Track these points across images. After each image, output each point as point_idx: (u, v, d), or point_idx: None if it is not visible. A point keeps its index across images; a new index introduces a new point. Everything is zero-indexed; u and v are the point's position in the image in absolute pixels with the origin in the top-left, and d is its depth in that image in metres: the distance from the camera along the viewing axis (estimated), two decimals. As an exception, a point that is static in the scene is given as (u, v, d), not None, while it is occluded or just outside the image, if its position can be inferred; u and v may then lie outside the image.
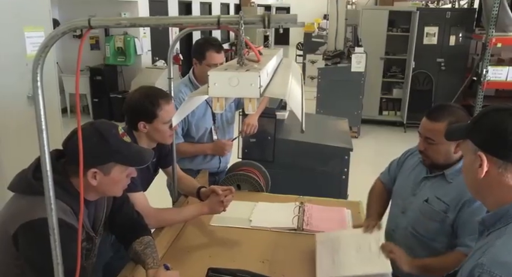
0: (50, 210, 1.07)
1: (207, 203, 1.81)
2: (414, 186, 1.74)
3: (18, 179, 1.27)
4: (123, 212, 1.51)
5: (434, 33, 6.26)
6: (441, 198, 1.62)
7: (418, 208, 1.68)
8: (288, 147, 2.69)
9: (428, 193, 1.67)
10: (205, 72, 2.39)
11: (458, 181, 1.57)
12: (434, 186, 1.67)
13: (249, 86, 0.86)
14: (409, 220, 1.72)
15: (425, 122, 1.64)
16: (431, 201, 1.65)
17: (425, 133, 1.64)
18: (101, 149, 1.23)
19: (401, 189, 1.81)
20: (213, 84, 0.87)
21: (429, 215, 1.64)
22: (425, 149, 1.65)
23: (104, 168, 1.25)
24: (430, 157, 1.66)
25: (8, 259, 1.21)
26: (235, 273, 1.55)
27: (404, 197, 1.77)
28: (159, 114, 1.69)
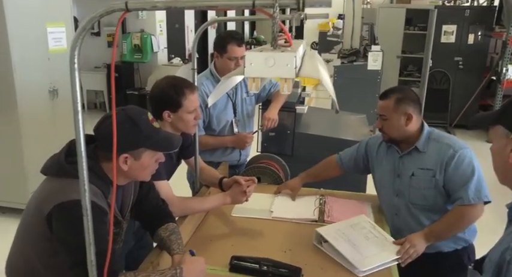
0: (84, 191, 1.09)
1: (230, 193, 1.82)
2: (394, 168, 1.90)
3: (50, 163, 1.30)
4: (149, 199, 1.53)
5: (452, 32, 6.19)
6: (424, 167, 1.80)
7: (408, 184, 1.84)
8: (307, 141, 2.69)
9: (411, 168, 1.84)
10: (226, 65, 2.44)
11: (431, 148, 1.81)
12: (413, 161, 1.84)
13: (285, 66, 0.86)
14: (406, 198, 1.86)
15: (379, 102, 1.87)
16: (417, 173, 1.82)
17: (379, 111, 1.86)
18: (132, 135, 1.25)
19: (385, 177, 1.95)
20: (249, 65, 0.87)
21: (421, 185, 1.81)
22: (382, 126, 1.86)
23: (134, 154, 1.27)
24: (387, 133, 1.87)
25: (41, 240, 1.24)
26: (259, 261, 1.56)
27: (390, 182, 1.92)
28: (184, 103, 1.70)
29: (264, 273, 1.54)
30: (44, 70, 3.66)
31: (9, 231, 3.61)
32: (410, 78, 6.91)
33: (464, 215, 1.75)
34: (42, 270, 1.28)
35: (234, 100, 2.45)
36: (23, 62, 3.41)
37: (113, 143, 1.09)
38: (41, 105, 3.68)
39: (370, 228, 1.82)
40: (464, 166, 1.76)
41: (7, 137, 3.50)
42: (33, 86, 3.57)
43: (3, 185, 3.62)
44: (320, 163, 2.21)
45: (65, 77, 3.87)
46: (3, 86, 3.39)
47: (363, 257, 1.63)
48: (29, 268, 1.30)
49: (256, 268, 1.55)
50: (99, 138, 1.27)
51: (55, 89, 3.77)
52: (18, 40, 3.33)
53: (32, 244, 1.28)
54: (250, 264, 1.56)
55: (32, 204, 1.28)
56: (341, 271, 1.60)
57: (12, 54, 3.31)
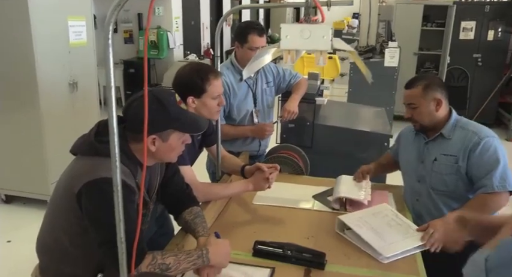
0: (115, 168, 1.10)
1: (252, 180, 1.83)
2: (419, 155, 1.92)
3: (80, 142, 1.31)
4: (175, 182, 1.54)
5: (471, 28, 6.11)
6: (447, 153, 1.81)
7: (431, 170, 1.85)
8: (326, 133, 2.68)
9: (434, 153, 1.85)
10: (247, 55, 2.44)
11: (456, 135, 1.82)
12: (437, 146, 1.85)
13: (321, 38, 0.86)
14: (428, 184, 1.88)
15: (405, 92, 1.87)
16: (440, 159, 1.83)
17: (407, 100, 1.86)
18: (161, 117, 1.26)
19: (409, 163, 1.98)
20: (284, 37, 0.87)
21: (443, 171, 1.82)
22: (412, 115, 1.86)
23: (162, 135, 1.28)
24: (417, 121, 1.87)
25: (71, 218, 1.26)
26: (282, 246, 1.56)
27: (414, 168, 1.94)
28: (208, 89, 1.71)
29: (287, 258, 1.54)
30: (64, 63, 3.71)
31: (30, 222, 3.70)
32: (428, 76, 6.82)
33: (488, 203, 1.73)
34: (71, 248, 1.30)
35: (254, 90, 2.46)
36: (45, 55, 3.46)
37: (141, 124, 1.10)
38: (61, 97, 3.73)
39: (393, 216, 1.81)
40: (489, 154, 1.74)
41: (29, 129, 3.55)
42: (54, 79, 3.62)
43: (25, 176, 3.68)
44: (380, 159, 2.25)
45: (85, 71, 3.96)
46: (26, 79, 3.44)
47: (386, 244, 1.61)
48: (58, 246, 1.32)
49: (280, 252, 1.55)
50: (128, 119, 1.28)
51: (75, 82, 3.82)
52: (40, 33, 3.38)
53: (61, 222, 1.30)
54: (273, 249, 1.57)
55: (62, 183, 1.30)
56: (364, 257, 1.59)
57: (35, 47, 3.36)
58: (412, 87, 1.84)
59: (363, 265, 1.54)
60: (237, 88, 2.40)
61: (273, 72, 2.56)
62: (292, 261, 1.53)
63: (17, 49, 3.40)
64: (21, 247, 3.10)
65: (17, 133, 3.60)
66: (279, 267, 1.51)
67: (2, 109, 3.59)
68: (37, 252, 1.41)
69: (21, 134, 3.59)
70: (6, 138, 3.64)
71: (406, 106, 1.88)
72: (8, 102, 3.56)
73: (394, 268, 1.52)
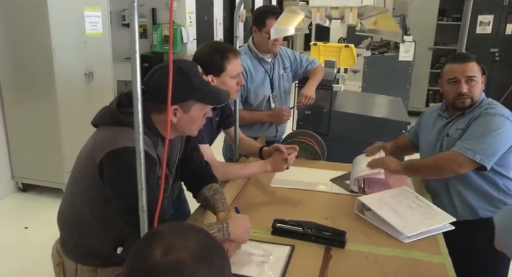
0: (138, 134, 1.10)
1: (270, 160, 1.81)
2: (438, 134, 1.91)
3: (102, 113, 1.32)
4: (194, 158, 1.54)
5: (488, 22, 6.01)
6: (459, 127, 1.81)
7: (444, 146, 1.84)
8: (343, 120, 2.65)
9: (449, 131, 1.85)
10: (265, 39, 2.42)
11: (473, 112, 1.79)
12: (455, 124, 1.85)
13: (351, -6, 0.85)
14: None
15: (459, 65, 1.78)
16: (451, 133, 1.83)
17: (466, 73, 1.77)
18: (183, 87, 1.25)
19: (427, 141, 1.96)
20: (314, -6, 0.86)
21: (451, 145, 1.77)
22: (468, 90, 1.78)
23: (184, 106, 1.27)
24: (471, 97, 1.79)
25: (92, 189, 1.26)
26: (301, 224, 1.55)
27: (432, 147, 1.92)
28: (228, 68, 1.70)
29: (307, 236, 1.52)
30: (80, 53, 3.74)
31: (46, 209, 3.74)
32: (443, 71, 6.74)
33: (444, 159, 1.73)
34: (91, 219, 1.30)
35: (271, 75, 2.44)
36: (62, 45, 3.49)
37: (164, 94, 1.10)
38: (77, 87, 3.77)
39: (413, 198, 1.78)
40: (486, 123, 1.71)
41: (45, 118, 3.59)
42: (70, 69, 3.65)
43: (40, 165, 3.72)
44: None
45: (100, 61, 3.99)
46: (44, 68, 3.47)
47: (407, 223, 1.59)
48: (79, 218, 1.32)
49: (299, 230, 1.54)
50: (150, 89, 1.27)
51: (90, 72, 3.84)
52: (57, 23, 3.41)
53: (82, 193, 1.30)
54: (293, 227, 1.55)
55: (84, 154, 1.30)
56: (385, 237, 1.57)
57: (52, 37, 3.39)
58: (469, 60, 1.78)
59: (384, 244, 1.52)
60: (254, 73, 2.39)
61: (290, 58, 2.54)
62: (312, 239, 1.52)
63: (34, 38, 3.43)
64: (38, 233, 3.13)
65: (34, 122, 3.64)
66: (298, 245, 1.49)
67: (19, 98, 3.63)
68: (58, 224, 1.41)
69: (37, 123, 3.63)
70: (23, 127, 3.68)
71: (459, 81, 1.78)
72: (25, 92, 3.60)
73: (416, 247, 1.50)
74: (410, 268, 1.39)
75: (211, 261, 0.68)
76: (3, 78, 3.60)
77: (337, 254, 1.46)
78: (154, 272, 0.64)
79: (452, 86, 1.81)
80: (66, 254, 1.40)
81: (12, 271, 2.72)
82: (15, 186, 3.86)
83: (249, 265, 1.37)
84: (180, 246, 0.67)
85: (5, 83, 3.62)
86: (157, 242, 0.67)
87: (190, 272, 0.64)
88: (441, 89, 1.89)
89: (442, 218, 1.64)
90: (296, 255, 1.44)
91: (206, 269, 0.66)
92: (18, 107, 3.65)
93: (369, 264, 1.41)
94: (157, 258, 0.65)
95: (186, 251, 0.66)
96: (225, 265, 0.71)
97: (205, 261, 0.67)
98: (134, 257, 0.68)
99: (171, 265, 0.64)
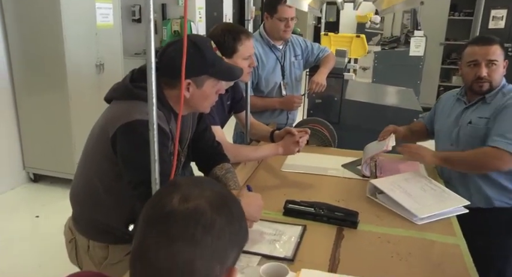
0: (152, 105, 1.10)
1: (282, 143, 1.80)
2: (456, 119, 1.87)
3: (115, 88, 1.32)
4: (206, 138, 1.53)
5: (502, 17, 5.94)
6: (482, 116, 1.76)
7: (464, 132, 1.81)
8: (354, 108, 2.64)
9: (470, 117, 1.81)
10: (276, 26, 2.42)
11: (496, 99, 1.76)
12: (476, 110, 1.81)
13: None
14: (459, 148, 1.82)
15: (481, 48, 1.73)
16: (474, 122, 1.78)
17: (488, 57, 1.73)
18: (196, 61, 1.24)
19: (445, 127, 1.93)
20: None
21: (474, 134, 1.77)
22: (488, 74, 1.74)
23: (197, 80, 1.27)
24: (490, 81, 1.75)
25: (104, 163, 1.26)
26: (313, 205, 1.54)
27: (449, 132, 1.89)
28: (240, 49, 1.69)
29: (319, 216, 1.51)
30: (91, 45, 3.75)
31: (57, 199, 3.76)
32: (454, 66, 6.68)
33: (486, 155, 1.67)
34: (103, 194, 1.30)
35: (282, 63, 2.44)
36: (73, 35, 3.51)
37: (177, 68, 1.10)
38: (88, 79, 3.78)
39: (426, 182, 1.77)
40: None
41: (57, 109, 3.62)
42: (81, 60, 3.67)
43: (52, 156, 3.74)
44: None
45: (111, 53, 4.00)
46: (55, 59, 3.50)
47: (420, 206, 1.57)
48: (91, 193, 1.33)
49: (311, 211, 1.53)
50: (163, 64, 1.27)
51: (101, 63, 3.86)
52: (69, 14, 3.43)
53: (95, 168, 1.30)
54: (304, 207, 1.54)
55: (97, 129, 1.30)
56: (398, 219, 1.55)
57: (64, 27, 3.41)
58: (492, 43, 1.74)
59: (397, 226, 1.51)
60: (265, 60, 2.38)
61: (301, 46, 2.53)
62: (324, 219, 1.51)
63: (46, 29, 3.46)
64: (49, 221, 3.16)
65: (45, 114, 3.67)
66: (310, 225, 1.48)
67: (31, 89, 3.66)
68: (71, 201, 1.42)
69: (49, 114, 3.66)
70: (34, 118, 3.72)
71: (479, 65, 1.74)
72: (37, 83, 3.63)
73: (429, 229, 1.48)
74: (424, 248, 1.38)
75: (229, 211, 0.67)
76: (15, 70, 3.64)
77: (349, 234, 1.45)
78: (172, 219, 0.64)
79: (471, 68, 1.77)
80: (79, 231, 1.40)
81: (23, 257, 2.74)
82: (27, 177, 3.89)
83: (261, 243, 1.36)
84: (198, 195, 0.66)
85: (17, 74, 3.65)
86: (176, 191, 0.67)
87: (207, 220, 0.64)
88: (460, 71, 1.86)
89: (455, 201, 1.63)
90: (308, 234, 1.43)
91: (224, 219, 0.66)
92: (30, 98, 3.69)
93: (382, 244, 1.40)
94: (175, 206, 0.65)
95: (204, 200, 0.66)
96: (242, 218, 0.71)
97: (223, 211, 0.66)
98: (151, 205, 0.68)
99: (188, 212, 0.64)
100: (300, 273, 1.18)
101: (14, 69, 3.63)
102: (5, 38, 3.57)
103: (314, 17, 12.79)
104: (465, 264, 1.29)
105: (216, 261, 0.64)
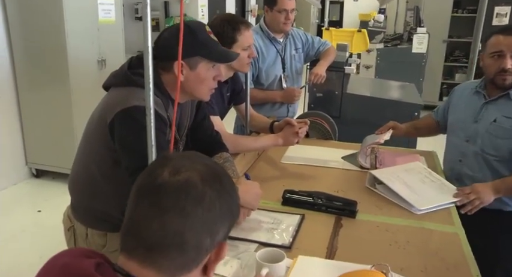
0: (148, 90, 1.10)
1: (282, 134, 1.80)
2: (474, 114, 1.76)
3: (113, 74, 1.32)
4: (204, 127, 1.53)
5: (505, 13, 5.90)
6: (509, 115, 1.65)
7: (486, 130, 1.70)
8: (355, 102, 2.63)
9: (494, 114, 1.69)
10: (276, 18, 2.41)
11: None
12: (500, 107, 1.69)
13: None
14: (478, 145, 1.72)
15: (507, 38, 1.61)
16: (500, 121, 1.67)
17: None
18: (188, 42, 1.22)
19: (460, 121, 1.82)
20: None
21: (500, 134, 1.66)
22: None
23: (190, 61, 1.25)
24: None
25: (103, 150, 1.26)
26: (311, 194, 1.54)
27: (465, 127, 1.78)
28: (239, 39, 1.69)
29: (317, 206, 1.51)
30: (93, 40, 3.76)
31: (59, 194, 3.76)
32: (457, 64, 6.66)
33: None
34: (102, 181, 1.30)
35: (283, 56, 2.43)
36: (75, 31, 3.51)
37: (171, 50, 1.13)
38: (90, 74, 3.79)
39: (426, 173, 1.76)
40: None
41: (59, 104, 3.63)
42: (83, 55, 3.68)
43: (54, 151, 3.76)
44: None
45: (113, 49, 4.01)
46: (57, 54, 3.51)
47: (420, 197, 1.57)
48: (89, 180, 1.33)
49: (310, 201, 1.53)
50: (159, 48, 1.27)
51: (103, 59, 3.87)
52: (71, 9, 3.44)
53: (93, 155, 1.31)
54: (303, 197, 1.54)
55: (95, 115, 1.30)
56: (397, 209, 1.55)
57: (66, 23, 3.42)
58: None
59: (396, 215, 1.50)
60: (266, 52, 2.38)
61: (302, 39, 2.53)
62: (323, 209, 1.50)
63: (48, 24, 3.47)
64: (50, 216, 3.17)
65: (47, 109, 3.68)
66: (309, 214, 1.48)
67: (33, 84, 3.68)
68: (69, 190, 1.42)
69: (51, 110, 3.67)
70: (37, 114, 3.73)
71: (503, 55, 1.62)
72: (39, 78, 3.64)
73: (428, 219, 1.48)
74: (423, 237, 1.37)
75: (220, 185, 0.67)
76: (17, 65, 3.65)
77: (347, 223, 1.44)
78: (163, 190, 0.64)
79: (495, 60, 1.64)
80: (77, 219, 1.40)
81: (25, 251, 2.76)
82: (29, 172, 3.91)
83: (259, 231, 1.36)
84: (189, 168, 0.66)
85: (19, 69, 3.66)
86: (167, 164, 0.67)
87: (198, 193, 0.64)
88: (482, 62, 1.73)
89: (455, 194, 1.61)
90: (306, 223, 1.43)
91: (215, 193, 0.66)
92: (32, 93, 3.70)
93: (380, 232, 1.39)
94: (166, 178, 0.65)
95: (195, 172, 0.66)
96: (233, 192, 0.71)
97: (214, 184, 0.66)
98: (143, 177, 0.69)
99: (179, 184, 0.64)
100: (296, 259, 1.18)
101: (16, 65, 3.64)
102: (7, 33, 3.58)
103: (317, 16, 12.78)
104: (463, 252, 1.29)
105: (206, 233, 0.65)
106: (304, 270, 1.13)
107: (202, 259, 0.66)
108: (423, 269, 1.19)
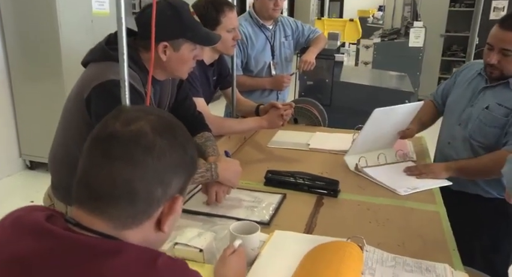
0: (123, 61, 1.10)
1: (266, 117, 1.79)
2: (472, 97, 1.71)
3: (91, 50, 1.32)
4: (186, 106, 1.53)
5: (503, 7, 5.88)
6: (503, 103, 1.59)
7: (477, 116, 1.65)
8: (346, 90, 2.62)
9: (489, 101, 1.63)
10: (265, 4, 2.40)
11: None
12: (496, 94, 1.63)
13: None
14: (468, 130, 1.68)
15: (500, 32, 1.53)
16: (492, 108, 1.61)
17: (501, 44, 1.53)
18: (174, 23, 1.23)
19: (457, 102, 1.77)
20: None
21: (489, 122, 1.61)
22: (499, 62, 1.56)
23: (174, 44, 1.26)
24: (501, 70, 1.58)
25: (80, 126, 1.26)
26: (294, 174, 1.53)
27: (460, 109, 1.73)
28: (223, 21, 1.69)
29: (299, 185, 1.51)
30: (87, 32, 3.75)
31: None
32: (454, 58, 6.64)
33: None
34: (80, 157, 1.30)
35: (272, 42, 2.43)
36: (68, 22, 3.51)
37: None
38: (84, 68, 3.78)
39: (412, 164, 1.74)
40: None
41: (53, 96, 3.61)
42: (77, 47, 3.66)
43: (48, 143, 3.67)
44: (421, 110, 1.89)
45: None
46: (51, 46, 3.50)
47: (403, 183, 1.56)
48: (68, 158, 1.32)
49: (292, 181, 1.52)
50: (140, 26, 1.27)
51: (98, 51, 3.86)
52: (64, 1, 3.42)
53: (72, 132, 1.30)
54: (285, 177, 1.53)
55: (73, 92, 1.30)
56: (381, 189, 1.55)
57: (59, 15, 3.41)
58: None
59: (379, 195, 1.50)
60: (255, 39, 2.37)
61: (292, 27, 2.52)
62: (305, 188, 1.50)
63: (41, 15, 3.46)
64: (43, 206, 3.17)
65: (41, 101, 3.68)
66: (290, 194, 1.48)
67: (27, 76, 3.67)
68: (50, 169, 1.42)
69: (45, 101, 3.66)
70: (31, 106, 3.72)
71: (493, 49, 1.56)
72: (33, 69, 3.63)
73: (411, 198, 1.47)
74: (404, 215, 1.37)
75: (172, 135, 0.67)
76: (11, 57, 3.65)
77: (329, 202, 1.44)
78: (114, 140, 0.64)
79: (487, 51, 1.58)
80: (57, 197, 1.40)
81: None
82: (23, 164, 3.91)
83: (238, 209, 1.36)
84: (141, 118, 0.66)
85: (13, 61, 3.66)
86: (121, 115, 0.67)
87: (148, 142, 0.64)
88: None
89: (438, 182, 1.59)
90: (287, 202, 1.43)
91: (166, 142, 0.65)
92: (26, 85, 3.69)
93: (361, 211, 1.39)
94: (118, 128, 0.65)
95: (147, 122, 0.66)
96: (188, 143, 0.70)
97: (166, 134, 0.66)
98: (97, 128, 0.68)
99: (129, 133, 0.64)
100: (273, 233, 1.17)
101: (9, 56, 3.64)
102: (0, 25, 3.58)
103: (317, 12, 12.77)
104: (443, 228, 1.28)
105: (157, 183, 0.64)
106: (280, 243, 1.13)
107: (154, 211, 0.66)
108: (400, 244, 1.18)
